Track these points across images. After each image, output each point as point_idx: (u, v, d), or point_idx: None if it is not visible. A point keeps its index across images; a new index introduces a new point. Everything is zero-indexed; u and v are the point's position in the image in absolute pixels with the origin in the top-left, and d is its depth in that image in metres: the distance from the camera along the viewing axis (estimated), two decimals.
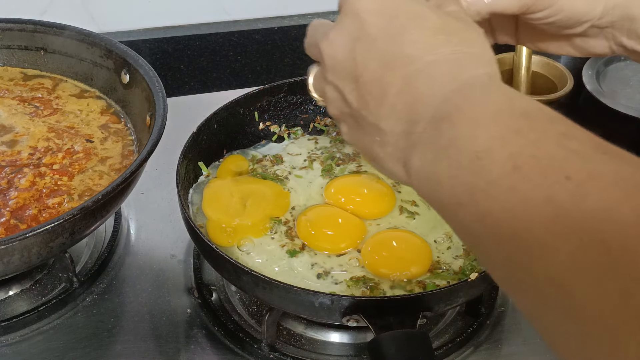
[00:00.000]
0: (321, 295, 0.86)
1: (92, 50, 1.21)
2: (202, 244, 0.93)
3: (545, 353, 1.02)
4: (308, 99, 1.22)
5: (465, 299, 0.94)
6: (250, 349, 1.00)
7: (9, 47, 1.26)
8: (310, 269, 0.97)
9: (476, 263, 0.99)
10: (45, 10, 1.59)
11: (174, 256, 1.14)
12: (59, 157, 1.11)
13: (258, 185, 1.08)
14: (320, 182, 1.10)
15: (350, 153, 1.16)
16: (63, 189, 1.05)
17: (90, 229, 0.97)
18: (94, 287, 1.09)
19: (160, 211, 1.20)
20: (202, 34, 1.73)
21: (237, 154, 1.16)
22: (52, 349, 1.00)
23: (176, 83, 1.76)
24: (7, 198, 1.02)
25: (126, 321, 1.04)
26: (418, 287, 0.95)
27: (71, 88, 1.24)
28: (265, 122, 1.20)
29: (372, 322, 0.85)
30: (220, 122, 1.14)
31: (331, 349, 1.02)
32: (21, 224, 1.00)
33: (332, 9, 1.81)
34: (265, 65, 1.81)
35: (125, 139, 1.15)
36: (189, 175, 1.08)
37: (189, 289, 1.09)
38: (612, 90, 1.73)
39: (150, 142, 0.99)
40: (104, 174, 1.09)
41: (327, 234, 1.01)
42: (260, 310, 1.05)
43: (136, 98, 1.15)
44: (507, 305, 1.08)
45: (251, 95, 1.17)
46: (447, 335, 1.03)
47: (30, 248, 0.91)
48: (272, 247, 1.00)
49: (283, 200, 1.06)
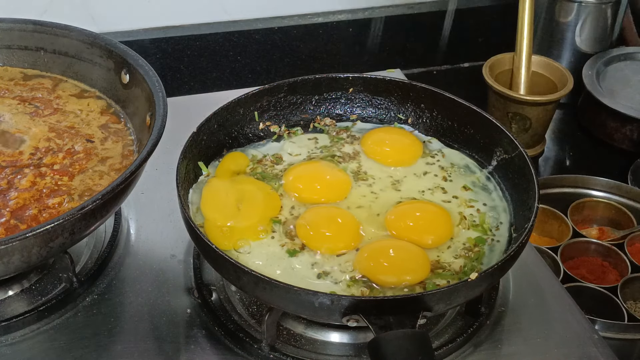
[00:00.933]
0: (321, 295, 0.86)
1: (92, 50, 1.21)
2: (202, 244, 0.93)
3: (545, 353, 1.02)
4: (308, 99, 1.22)
5: (465, 299, 0.94)
6: (250, 349, 1.00)
7: (9, 47, 1.26)
8: (310, 268, 0.97)
9: (476, 263, 0.99)
10: (45, 10, 1.59)
11: (174, 256, 1.14)
12: (59, 157, 1.11)
13: (251, 187, 1.07)
14: None
15: (350, 152, 1.16)
16: (63, 189, 1.05)
17: (90, 229, 0.97)
18: (94, 287, 1.09)
19: (160, 211, 1.20)
20: (202, 34, 1.73)
21: (237, 152, 1.16)
22: (52, 349, 1.00)
23: (176, 83, 1.76)
24: (7, 198, 1.03)
25: (126, 321, 1.04)
26: (418, 287, 0.95)
27: (71, 88, 1.24)
28: (265, 122, 1.20)
29: (372, 322, 0.85)
30: (220, 122, 1.14)
31: (331, 349, 1.02)
32: (21, 224, 1.00)
33: (332, 9, 1.81)
34: (265, 65, 1.81)
35: (125, 139, 1.15)
36: (189, 175, 1.08)
37: (189, 289, 1.09)
38: (612, 90, 1.73)
39: (150, 142, 1.00)
40: (104, 174, 1.09)
41: (326, 235, 1.01)
42: (260, 310, 1.05)
43: (136, 98, 1.15)
44: (507, 305, 1.09)
45: (251, 95, 1.17)
46: (447, 335, 1.03)
47: (30, 248, 0.91)
48: (272, 247, 1.00)
49: (273, 202, 1.06)
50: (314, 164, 1.13)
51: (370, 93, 1.22)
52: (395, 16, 1.84)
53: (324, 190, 1.08)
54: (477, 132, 1.15)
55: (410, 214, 1.05)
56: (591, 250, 1.45)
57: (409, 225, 1.03)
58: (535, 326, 1.05)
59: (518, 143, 1.08)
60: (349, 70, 1.23)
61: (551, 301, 1.10)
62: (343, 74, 1.21)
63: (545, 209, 1.50)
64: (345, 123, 1.22)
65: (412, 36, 1.88)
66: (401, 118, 1.22)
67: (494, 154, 1.13)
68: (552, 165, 1.71)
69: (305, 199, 1.07)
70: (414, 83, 1.20)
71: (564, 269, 1.37)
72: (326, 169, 1.12)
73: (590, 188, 1.55)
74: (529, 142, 1.66)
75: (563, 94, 1.60)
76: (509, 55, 1.68)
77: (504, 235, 1.03)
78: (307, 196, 1.07)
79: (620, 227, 1.51)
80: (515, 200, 1.07)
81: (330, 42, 1.82)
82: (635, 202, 1.53)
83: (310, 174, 1.11)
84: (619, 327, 1.27)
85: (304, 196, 1.07)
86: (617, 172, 1.62)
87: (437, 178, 1.12)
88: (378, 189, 1.09)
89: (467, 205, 1.08)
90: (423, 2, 1.87)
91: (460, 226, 1.04)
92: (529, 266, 1.14)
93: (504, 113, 1.62)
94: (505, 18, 1.92)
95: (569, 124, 1.76)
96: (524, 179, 1.05)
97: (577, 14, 1.74)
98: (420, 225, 1.04)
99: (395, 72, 1.53)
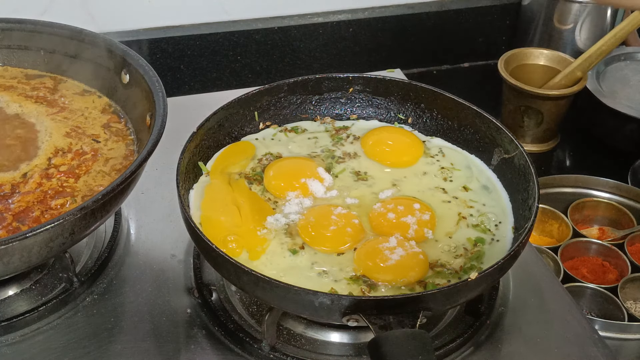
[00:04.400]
0: (321, 295, 0.86)
1: (92, 50, 1.21)
2: (202, 244, 0.93)
3: (545, 353, 1.02)
4: (308, 99, 1.22)
5: (465, 299, 0.94)
6: (250, 349, 1.00)
7: (9, 47, 1.26)
8: (310, 267, 0.97)
9: (476, 262, 0.99)
10: (45, 10, 1.59)
11: (174, 256, 1.14)
12: (68, 158, 1.11)
13: (245, 199, 1.07)
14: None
15: (350, 152, 1.16)
16: (67, 191, 1.05)
17: (90, 229, 0.97)
18: (94, 287, 1.09)
19: (160, 211, 1.20)
20: (202, 34, 1.73)
21: (245, 141, 1.16)
22: (52, 349, 1.00)
23: (176, 83, 1.76)
24: (9, 202, 1.02)
25: (126, 321, 1.04)
26: (418, 286, 0.95)
27: (73, 87, 1.24)
28: (265, 122, 1.20)
29: (372, 322, 0.85)
30: (220, 122, 1.14)
31: (331, 349, 1.02)
32: (23, 226, 0.99)
33: (332, 9, 1.81)
34: (265, 65, 1.81)
35: (125, 139, 1.15)
36: (189, 175, 1.08)
37: (189, 289, 1.09)
38: (612, 90, 1.73)
39: (150, 142, 1.00)
40: (105, 175, 1.09)
41: (327, 235, 1.01)
42: (260, 310, 1.05)
43: (136, 98, 1.15)
44: (507, 305, 1.09)
45: (251, 95, 1.17)
46: (447, 335, 1.03)
47: (30, 248, 0.91)
48: (272, 247, 1.00)
49: (264, 215, 1.05)
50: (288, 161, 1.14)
51: (370, 93, 1.22)
52: (395, 16, 1.83)
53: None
54: (477, 132, 1.15)
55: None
56: (591, 250, 1.45)
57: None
58: (535, 326, 1.05)
59: (518, 143, 1.08)
60: (349, 70, 1.23)
61: (551, 301, 1.10)
62: (343, 74, 1.21)
63: (545, 209, 1.50)
64: (345, 122, 1.22)
65: (412, 36, 1.88)
66: (401, 118, 1.22)
67: (494, 153, 1.13)
68: (553, 165, 1.71)
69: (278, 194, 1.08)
70: (414, 83, 1.20)
71: (564, 269, 1.37)
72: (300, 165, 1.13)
73: (590, 188, 1.55)
74: (542, 136, 1.68)
75: (576, 90, 1.61)
76: (523, 51, 1.70)
77: (504, 235, 1.03)
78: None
79: (620, 227, 1.51)
80: (515, 200, 1.07)
81: (330, 42, 1.82)
82: (635, 202, 1.53)
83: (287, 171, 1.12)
84: (619, 327, 1.27)
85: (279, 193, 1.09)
86: (617, 172, 1.62)
87: (437, 178, 1.12)
88: (378, 189, 1.09)
89: (467, 206, 1.08)
90: (423, 2, 1.87)
91: (460, 225, 1.04)
92: (529, 266, 1.14)
93: (516, 106, 1.65)
94: (505, 18, 1.92)
95: (569, 124, 1.76)
96: (524, 179, 1.05)
97: (577, 14, 1.75)
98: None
99: (395, 72, 1.53)
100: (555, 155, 1.72)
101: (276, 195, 1.07)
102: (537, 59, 1.71)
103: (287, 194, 1.07)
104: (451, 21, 1.89)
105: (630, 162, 1.62)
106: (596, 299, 1.36)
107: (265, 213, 1.04)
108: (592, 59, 1.60)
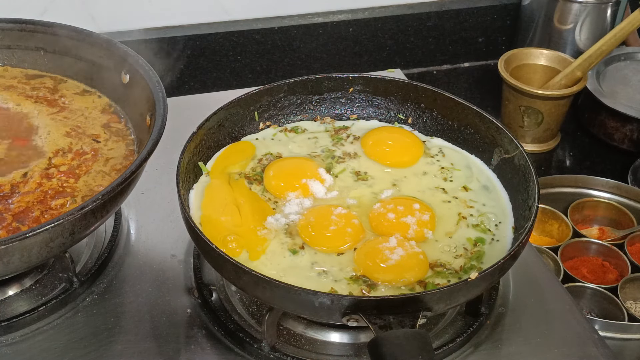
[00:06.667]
0: (321, 295, 0.86)
1: (92, 50, 1.21)
2: (202, 244, 0.93)
3: (545, 353, 1.02)
4: (308, 99, 1.22)
5: (465, 299, 0.94)
6: (250, 349, 1.00)
7: (9, 47, 1.26)
8: (310, 267, 0.97)
9: (476, 262, 0.99)
10: (45, 10, 1.59)
11: (174, 256, 1.14)
12: (68, 158, 1.11)
13: (245, 199, 1.07)
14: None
15: (350, 152, 1.16)
16: (68, 191, 1.05)
17: (90, 229, 0.97)
18: (94, 287, 1.09)
19: (160, 211, 1.20)
20: (202, 34, 1.73)
21: (244, 141, 1.16)
22: (52, 349, 1.00)
23: (176, 83, 1.76)
24: (9, 202, 1.02)
25: (126, 321, 1.04)
26: (418, 286, 0.95)
27: (73, 87, 1.24)
28: (265, 122, 1.20)
29: (372, 321, 0.85)
30: (220, 122, 1.14)
31: (331, 349, 1.02)
32: (23, 226, 0.99)
33: (332, 8, 1.81)
34: (265, 65, 1.81)
35: (125, 139, 1.15)
36: (189, 175, 1.08)
37: (189, 289, 1.09)
38: (612, 90, 1.73)
39: (150, 142, 1.00)
40: (105, 175, 1.09)
41: (327, 235, 1.01)
42: (260, 310, 1.05)
43: (136, 98, 1.15)
44: (507, 305, 1.09)
45: (251, 95, 1.17)
46: (447, 335, 1.03)
47: (30, 248, 0.91)
48: (272, 246, 1.00)
49: (264, 215, 1.05)
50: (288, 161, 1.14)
51: (370, 93, 1.22)
52: (395, 16, 1.84)
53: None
54: (477, 132, 1.15)
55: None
56: (591, 250, 1.45)
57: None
58: (535, 326, 1.05)
59: (518, 143, 1.08)
60: (349, 70, 1.23)
61: (551, 301, 1.10)
62: (343, 74, 1.21)
63: (545, 209, 1.50)
64: (345, 122, 1.22)
65: (412, 36, 1.88)
66: (401, 118, 1.22)
67: (494, 153, 1.13)
68: (553, 165, 1.71)
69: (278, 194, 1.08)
70: (414, 83, 1.20)
71: (564, 269, 1.37)
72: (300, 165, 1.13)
73: (590, 188, 1.56)
74: (542, 136, 1.68)
75: (576, 90, 1.61)
76: (523, 51, 1.70)
77: (504, 235, 1.03)
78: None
79: (620, 227, 1.51)
80: (515, 200, 1.07)
81: (330, 42, 1.82)
82: (635, 202, 1.53)
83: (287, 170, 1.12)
84: (619, 327, 1.27)
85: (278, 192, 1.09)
86: (617, 172, 1.62)
87: (437, 178, 1.12)
88: (378, 189, 1.09)
89: (467, 206, 1.08)
90: (423, 2, 1.87)
91: (460, 225, 1.04)
92: (529, 266, 1.14)
93: (516, 106, 1.65)
94: (505, 18, 1.92)
95: (569, 124, 1.76)
96: (524, 179, 1.05)
97: (577, 14, 1.75)
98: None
99: (395, 72, 1.53)
100: (555, 155, 1.72)
101: (276, 195, 1.07)
102: (537, 59, 1.71)
103: (287, 194, 1.07)
104: (451, 21, 1.89)
105: (630, 162, 1.62)
106: (596, 299, 1.36)
107: (265, 213, 1.04)
108: (592, 59, 1.60)
